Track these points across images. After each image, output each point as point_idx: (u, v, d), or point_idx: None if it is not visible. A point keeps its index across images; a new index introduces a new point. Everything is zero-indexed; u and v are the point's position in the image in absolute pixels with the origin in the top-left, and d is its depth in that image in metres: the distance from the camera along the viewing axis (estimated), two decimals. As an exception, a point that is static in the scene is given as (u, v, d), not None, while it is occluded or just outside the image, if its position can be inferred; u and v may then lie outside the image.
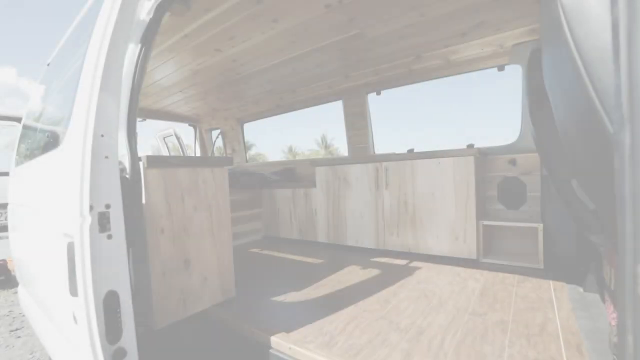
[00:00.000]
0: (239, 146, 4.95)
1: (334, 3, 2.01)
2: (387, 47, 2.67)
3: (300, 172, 4.21)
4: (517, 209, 2.67)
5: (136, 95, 1.55)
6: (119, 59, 1.12)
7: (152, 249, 1.50)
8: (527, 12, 2.17)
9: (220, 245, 1.83)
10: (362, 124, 3.65)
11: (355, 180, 3.01)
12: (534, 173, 2.60)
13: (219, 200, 1.82)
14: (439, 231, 2.58)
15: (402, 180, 2.74)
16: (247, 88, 3.65)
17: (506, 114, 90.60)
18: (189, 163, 1.66)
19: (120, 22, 1.11)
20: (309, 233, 3.45)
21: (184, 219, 1.65)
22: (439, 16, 2.21)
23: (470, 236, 2.45)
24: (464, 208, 2.46)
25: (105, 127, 1.06)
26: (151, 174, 1.51)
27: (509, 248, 2.64)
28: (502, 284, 1.96)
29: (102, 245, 1.02)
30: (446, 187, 2.53)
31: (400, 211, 2.77)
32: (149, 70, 2.93)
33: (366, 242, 2.99)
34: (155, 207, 1.52)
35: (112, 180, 1.08)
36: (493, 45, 2.60)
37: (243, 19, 2.12)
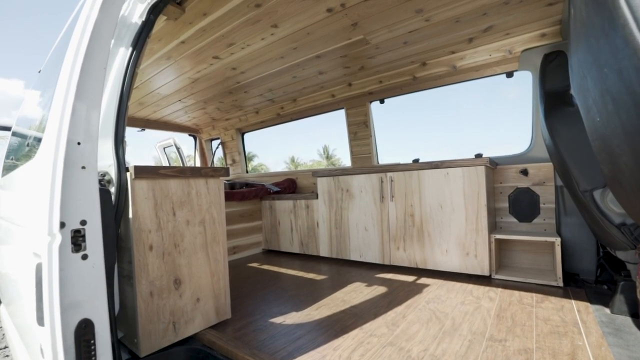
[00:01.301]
0: (239, 157, 4.86)
1: (337, 7, 1.93)
2: (391, 53, 2.59)
3: (301, 182, 4.10)
4: (530, 222, 2.53)
5: (125, 101, 1.45)
6: (100, 61, 1.01)
7: (139, 268, 1.38)
8: (538, 16, 2.09)
9: (214, 263, 1.70)
10: (365, 133, 3.55)
11: (358, 191, 2.89)
12: (547, 183, 2.47)
13: (213, 213, 1.70)
14: (448, 245, 2.44)
15: (408, 192, 2.61)
16: (247, 97, 3.58)
17: (511, 123, 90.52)
18: (181, 173, 1.54)
19: (102, 22, 1.01)
20: (310, 246, 3.30)
21: (175, 234, 1.52)
22: (444, 21, 2.13)
23: (481, 251, 2.30)
24: (474, 221, 2.33)
25: (83, 134, 0.95)
26: (139, 185, 1.39)
27: (523, 264, 2.49)
28: (519, 303, 1.81)
29: (75, 267, 0.90)
30: (455, 198, 2.40)
31: (406, 224, 2.63)
32: (146, 79, 2.86)
33: (370, 256, 2.84)
34: (143, 221, 1.40)
35: (90, 193, 0.96)
36: (501, 51, 2.51)
37: (241, 24, 2.04)
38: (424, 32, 2.28)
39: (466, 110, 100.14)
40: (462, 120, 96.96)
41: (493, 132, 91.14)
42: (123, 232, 1.42)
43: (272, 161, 66.01)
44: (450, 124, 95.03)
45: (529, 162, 2.58)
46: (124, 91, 1.44)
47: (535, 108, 2.54)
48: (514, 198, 2.61)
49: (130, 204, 1.37)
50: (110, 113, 1.44)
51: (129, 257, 1.39)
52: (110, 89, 1.49)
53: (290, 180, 4.04)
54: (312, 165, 38.62)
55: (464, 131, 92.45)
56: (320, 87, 3.35)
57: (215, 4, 1.81)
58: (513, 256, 2.54)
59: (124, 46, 1.52)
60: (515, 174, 2.61)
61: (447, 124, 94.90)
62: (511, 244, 2.54)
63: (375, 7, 1.95)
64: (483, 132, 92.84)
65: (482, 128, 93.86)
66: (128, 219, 1.38)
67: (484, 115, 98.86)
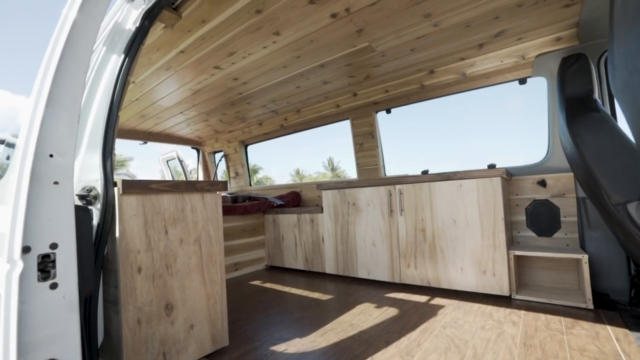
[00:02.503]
0: (242, 169, 4.76)
1: (341, 12, 1.85)
2: (397, 61, 2.49)
3: (305, 195, 3.97)
4: (551, 236, 2.36)
5: (115, 110, 1.35)
6: (79, 65, 0.91)
7: (125, 293, 1.25)
8: (553, 19, 1.98)
9: (211, 285, 1.56)
10: (371, 144, 3.43)
11: (365, 204, 2.75)
12: (567, 195, 2.31)
13: (210, 230, 1.57)
14: (463, 263, 2.27)
15: (419, 205, 2.47)
16: (249, 108, 3.50)
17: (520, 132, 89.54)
18: (175, 188, 1.43)
19: (82, 22, 0.92)
20: (315, 263, 3.15)
21: (167, 254, 1.40)
22: (454, 26, 2.03)
23: (500, 269, 2.13)
24: (491, 236, 2.17)
25: (57, 145, 0.84)
26: (127, 201, 1.28)
27: (545, 282, 2.31)
28: (547, 329, 1.63)
29: (40, 299, 0.77)
30: (469, 212, 2.25)
31: (417, 240, 2.48)
32: (147, 90, 2.79)
33: (379, 274, 2.68)
34: (131, 240, 1.28)
35: (63, 212, 0.85)
36: (514, 57, 2.40)
37: (242, 32, 1.97)
38: (432, 38, 2.18)
39: (473, 119, 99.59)
40: (470, 130, 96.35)
41: (503, 142, 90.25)
42: (110, 253, 1.30)
43: (277, 173, 66.05)
44: (458, 133, 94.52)
45: (546, 173, 2.43)
46: (114, 100, 1.35)
47: (551, 115, 2.40)
48: (531, 211, 2.45)
49: (117, 222, 1.25)
50: (99, 123, 1.34)
51: (115, 280, 1.27)
52: (100, 98, 1.39)
53: (295, 193, 3.92)
54: (317, 178, 38.52)
55: (471, 141, 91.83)
56: (325, 97, 3.26)
57: (214, 11, 1.74)
58: (533, 274, 2.36)
59: (116, 53, 1.44)
60: (532, 185, 2.45)
61: (454, 134, 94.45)
62: (531, 261, 2.36)
63: (381, 11, 1.86)
64: (493, 142, 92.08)
65: (491, 137, 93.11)
66: (115, 239, 1.26)
67: (492, 125, 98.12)
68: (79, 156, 1.35)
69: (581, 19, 1.94)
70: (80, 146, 1.36)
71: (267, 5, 1.73)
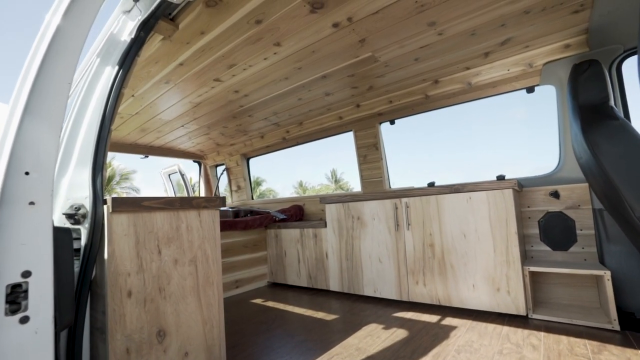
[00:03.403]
0: (244, 183, 4.69)
1: (343, 22, 1.80)
2: (401, 71, 2.44)
3: (309, 208, 3.88)
4: (566, 250, 2.24)
5: (107, 124, 1.29)
6: (62, 75, 0.85)
7: (113, 319, 1.15)
8: (561, 26, 1.92)
9: (207, 308, 1.46)
10: (375, 156, 3.35)
11: (370, 218, 2.65)
12: (583, 207, 2.20)
13: (207, 250, 1.48)
14: (474, 280, 2.15)
15: (426, 219, 2.36)
16: (251, 121, 3.45)
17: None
18: (169, 205, 1.35)
19: (66, 29, 0.86)
20: (319, 279, 3.03)
21: (160, 276, 1.30)
22: (459, 34, 1.98)
23: (514, 286, 2.01)
24: (504, 251, 2.05)
25: (34, 162, 0.77)
26: (118, 219, 1.20)
27: (562, 299, 2.17)
28: (571, 354, 1.50)
29: (7, 335, 0.68)
30: (480, 226, 2.14)
31: (425, 255, 2.36)
32: (147, 104, 2.75)
33: (386, 291, 2.55)
34: (121, 262, 1.19)
35: (39, 236, 0.76)
36: (521, 65, 2.34)
37: (242, 43, 1.92)
38: (436, 47, 2.13)
39: (478, 129, 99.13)
40: (474, 141, 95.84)
41: (508, 152, 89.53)
42: (98, 276, 1.21)
43: (280, 186, 66.08)
44: (462, 144, 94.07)
45: (558, 184, 2.33)
46: (106, 113, 1.29)
47: (562, 124, 2.32)
48: (544, 224, 2.33)
49: (106, 243, 1.16)
50: (90, 137, 1.28)
51: (103, 306, 1.17)
52: (92, 111, 1.33)
53: (297, 207, 3.83)
54: (320, 190, 38.41)
55: (476, 151, 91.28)
56: (327, 109, 3.21)
57: (213, 22, 1.70)
58: (549, 291, 2.23)
59: (110, 65, 1.38)
60: (545, 196, 2.35)
61: (458, 145, 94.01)
62: (546, 276, 2.23)
63: (384, 20, 1.81)
64: (497, 152, 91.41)
65: (496, 148, 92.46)
66: (103, 261, 1.17)
67: (497, 135, 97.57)
68: (67, 172, 1.28)
69: (591, 25, 1.88)
70: (69, 162, 1.29)
71: (267, 15, 1.69)
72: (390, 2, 1.66)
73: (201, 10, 1.60)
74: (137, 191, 27.63)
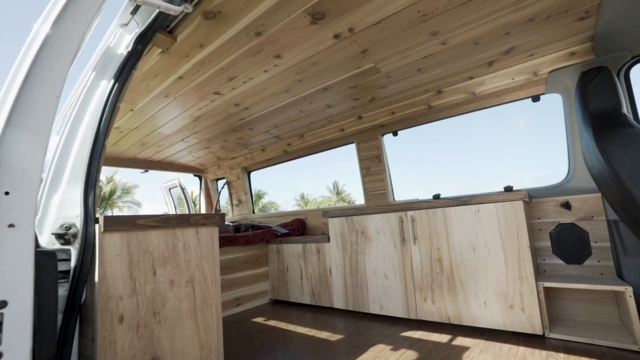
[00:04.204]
0: (245, 196, 4.63)
1: (344, 32, 1.77)
2: (403, 82, 2.40)
3: (311, 222, 3.80)
4: (581, 264, 2.15)
5: (102, 139, 1.24)
6: (50, 87, 0.80)
7: (103, 347, 1.07)
8: (566, 33, 1.89)
9: (205, 332, 1.37)
10: (378, 168, 3.29)
11: (375, 232, 2.57)
12: (596, 218, 2.12)
13: (205, 269, 1.41)
14: (486, 296, 2.05)
15: (433, 233, 2.28)
16: (252, 134, 3.42)
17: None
18: (165, 223, 1.28)
19: (55, 39, 0.81)
20: (323, 296, 2.92)
21: (155, 298, 1.23)
22: (462, 43, 1.95)
23: (529, 303, 1.91)
24: (516, 266, 1.96)
25: (15, 180, 0.71)
26: (110, 239, 1.13)
27: (579, 316, 2.07)
28: (595, 379, 1.40)
29: (-22, 375, 0.61)
30: (490, 239, 2.06)
31: (433, 270, 2.27)
32: (146, 118, 2.72)
33: (393, 308, 2.45)
34: (112, 284, 1.12)
35: (18, 261, 0.70)
36: (525, 74, 2.30)
37: (242, 55, 1.89)
38: (439, 57, 2.09)
39: (480, 139, 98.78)
40: (478, 151, 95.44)
41: (512, 162, 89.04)
42: (88, 300, 1.13)
43: (282, 198, 65.95)
44: (465, 155, 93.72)
45: (569, 194, 2.25)
46: (100, 128, 1.24)
47: (570, 133, 2.26)
48: (556, 236, 2.25)
49: (97, 264, 1.09)
50: (83, 153, 1.23)
51: (92, 332, 1.09)
52: (86, 126, 1.29)
53: (299, 221, 3.75)
54: (322, 202, 38.27)
55: (480, 162, 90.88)
56: (329, 121, 3.17)
57: (211, 34, 1.67)
58: (565, 307, 2.13)
59: (106, 78, 1.35)
60: (555, 207, 2.27)
61: (461, 155, 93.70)
62: (560, 292, 2.13)
63: (386, 31, 1.78)
64: (501, 162, 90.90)
65: (500, 158, 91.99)
66: (94, 283, 1.10)
67: (500, 145, 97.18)
68: (59, 190, 1.22)
69: (596, 32, 1.84)
70: (61, 178, 1.23)
71: (267, 27, 1.66)
72: (392, 12, 1.63)
73: (200, 23, 1.57)
74: (138, 205, 27.60)
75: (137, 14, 1.41)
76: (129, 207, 26.75)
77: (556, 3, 1.63)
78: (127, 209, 26.61)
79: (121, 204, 26.46)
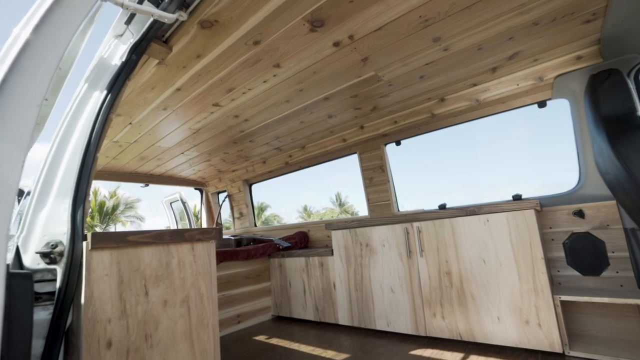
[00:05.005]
0: (247, 209, 4.55)
1: (344, 40, 1.73)
2: (406, 90, 2.36)
3: (314, 235, 3.70)
4: (599, 275, 2.04)
5: (93, 151, 1.18)
6: (30, 95, 0.75)
7: (89, 377, 0.98)
8: (571, 37, 1.84)
9: (202, 355, 1.28)
10: (381, 178, 3.22)
11: (380, 245, 2.48)
12: (612, 226, 2.02)
13: (201, 287, 1.32)
14: (499, 311, 1.94)
15: (441, 244, 2.19)
16: (252, 146, 3.37)
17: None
18: (158, 239, 1.21)
19: (36, 45, 0.77)
20: (327, 312, 2.81)
21: (147, 320, 1.14)
22: (465, 49, 1.90)
23: (546, 318, 1.80)
24: (530, 279, 1.86)
25: (-14, 195, 0.65)
26: (98, 257, 1.06)
27: (600, 332, 1.95)
28: (625, 403, 1.28)
29: None
30: (501, 251, 1.97)
31: (442, 284, 2.17)
32: (145, 131, 2.69)
33: (401, 325, 2.33)
34: (100, 307, 1.04)
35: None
36: (530, 79, 2.25)
37: (240, 65, 1.86)
38: (442, 64, 2.05)
39: (483, 148, 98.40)
40: (481, 159, 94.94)
41: (517, 170, 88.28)
42: (74, 324, 1.05)
43: (285, 210, 65.64)
44: (469, 163, 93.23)
45: (581, 202, 2.16)
46: (92, 139, 1.18)
47: (580, 139, 2.18)
48: (570, 245, 2.15)
49: (84, 285, 1.02)
50: (73, 167, 1.17)
51: (78, 359, 1.01)
52: (77, 138, 1.23)
53: (302, 234, 3.66)
54: (325, 214, 38.03)
55: (484, 170, 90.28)
56: (330, 131, 3.12)
57: (209, 44, 1.64)
58: (584, 322, 2.01)
59: (98, 90, 1.30)
60: (568, 216, 2.18)
61: (465, 164, 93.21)
62: (578, 306, 2.02)
63: (387, 37, 1.74)
64: (505, 170, 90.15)
65: (504, 166, 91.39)
66: (80, 306, 1.03)
67: (503, 152, 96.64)
68: (46, 205, 1.16)
69: (603, 34, 1.80)
70: (49, 193, 1.17)
71: (265, 35, 1.63)
72: (392, 18, 1.60)
73: (196, 33, 1.54)
74: (141, 220, 27.55)
75: (131, 24, 1.38)
76: (131, 222, 26.70)
77: (561, 6, 1.59)
78: (130, 224, 26.56)
79: (124, 218, 26.42)
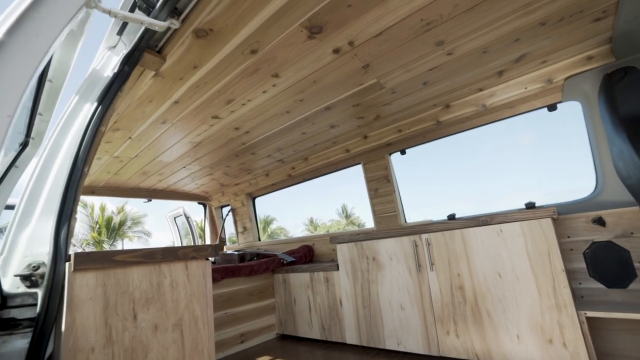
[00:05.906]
0: (250, 223, 4.47)
1: (344, 47, 1.68)
2: (409, 97, 2.29)
3: (319, 249, 3.59)
4: (625, 287, 1.89)
5: (80, 166, 1.12)
6: (4, 104, 0.69)
7: (68, 414, 0.89)
8: (581, 37, 1.77)
9: (195, 384, 1.18)
10: (387, 189, 3.12)
11: (388, 259, 2.36)
12: (637, 234, 1.89)
13: (195, 309, 1.23)
14: (518, 329, 1.81)
15: (452, 257, 2.07)
16: (254, 159, 3.32)
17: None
18: (149, 258, 1.13)
19: (11, 49, 0.71)
20: (334, 331, 2.67)
21: (135, 348, 1.05)
22: (470, 53, 1.84)
23: (571, 336, 1.66)
24: (551, 293, 1.73)
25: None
26: (82, 280, 0.98)
27: (632, 351, 1.79)
28: None
29: None
30: (517, 263, 1.84)
31: (455, 300, 2.04)
32: (145, 146, 2.65)
33: (412, 344, 2.19)
34: (82, 334, 0.96)
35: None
36: (539, 82, 2.17)
37: (238, 76, 1.81)
38: (446, 69, 1.99)
39: (488, 157, 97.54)
40: (489, 167, 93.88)
41: (523, 178, 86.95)
42: (55, 354, 0.97)
43: (291, 223, 65.30)
44: (475, 171, 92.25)
45: (600, 209, 2.04)
46: (80, 153, 1.12)
47: (595, 142, 2.08)
48: (591, 256, 2.01)
49: (65, 310, 0.94)
50: (59, 183, 1.11)
51: (57, 394, 0.92)
52: (64, 153, 1.18)
53: (307, 248, 3.55)
54: (331, 226, 37.75)
55: (491, 179, 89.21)
56: (333, 142, 3.06)
57: (205, 54, 1.59)
58: (611, 340, 1.85)
59: (89, 102, 1.25)
60: (587, 224, 2.05)
61: (470, 173, 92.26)
62: (605, 322, 1.87)
63: (388, 42, 1.69)
64: (510, 178, 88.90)
65: (510, 174, 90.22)
66: (61, 333, 0.94)
67: (509, 160, 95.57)
68: (30, 224, 1.09)
69: (615, 33, 1.72)
70: (33, 212, 1.11)
71: (262, 44, 1.58)
72: (393, 22, 1.54)
73: (191, 42, 1.50)
74: (148, 235, 27.62)
75: (124, 35, 1.34)
76: (139, 237, 26.77)
77: (569, 4, 1.52)
78: (137, 239, 26.63)
79: (131, 234, 26.51)
